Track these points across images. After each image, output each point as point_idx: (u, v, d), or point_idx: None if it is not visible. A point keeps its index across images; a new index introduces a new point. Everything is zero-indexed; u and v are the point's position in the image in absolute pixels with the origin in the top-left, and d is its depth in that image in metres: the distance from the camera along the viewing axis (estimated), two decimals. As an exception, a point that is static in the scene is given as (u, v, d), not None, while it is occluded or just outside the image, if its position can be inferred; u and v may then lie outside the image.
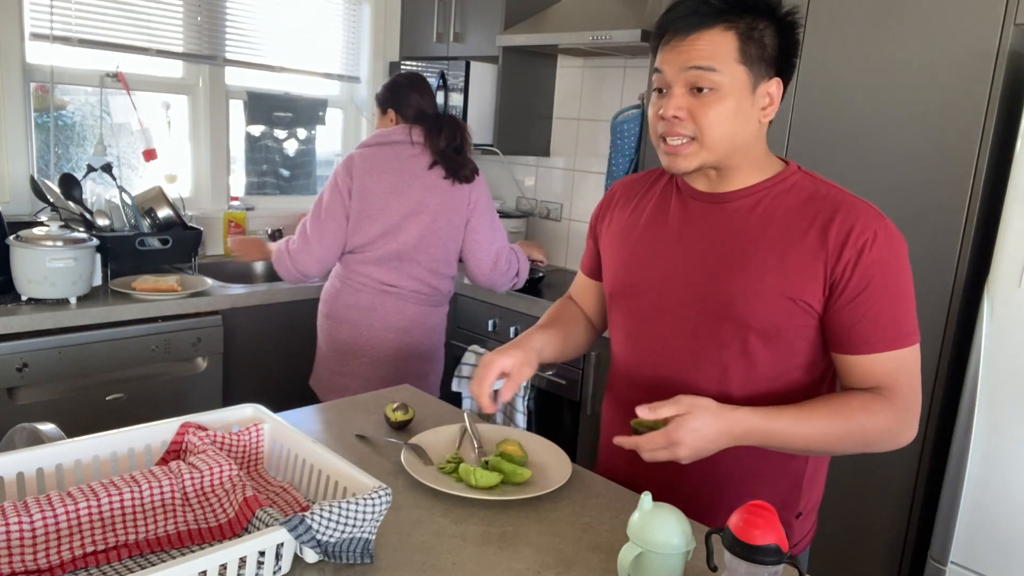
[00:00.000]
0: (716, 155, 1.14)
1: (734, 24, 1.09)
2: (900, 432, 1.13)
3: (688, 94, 1.11)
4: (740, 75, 1.10)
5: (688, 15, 1.11)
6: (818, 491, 1.32)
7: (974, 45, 1.80)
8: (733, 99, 1.11)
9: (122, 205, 2.61)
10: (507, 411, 2.64)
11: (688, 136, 1.12)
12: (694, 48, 1.10)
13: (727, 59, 1.09)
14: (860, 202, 1.14)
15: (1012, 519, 1.77)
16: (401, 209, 2.17)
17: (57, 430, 1.22)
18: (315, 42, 3.37)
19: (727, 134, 1.12)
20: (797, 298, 1.12)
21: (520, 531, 1.12)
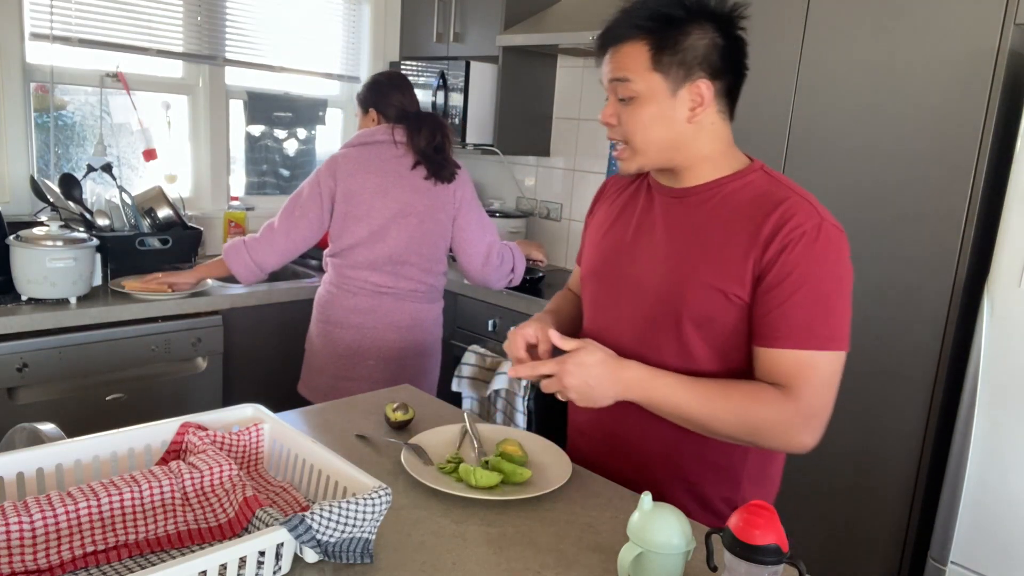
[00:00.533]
0: (649, 157, 1.22)
1: (646, 36, 1.16)
2: (789, 432, 1.12)
3: (617, 103, 1.21)
4: (656, 82, 1.17)
5: (607, 31, 1.21)
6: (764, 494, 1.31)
7: (974, 45, 1.80)
8: (653, 104, 1.18)
9: (122, 205, 2.61)
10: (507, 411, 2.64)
11: (621, 141, 1.23)
12: (613, 61, 1.20)
13: (640, 68, 1.17)
14: (806, 201, 1.16)
15: (1012, 519, 1.77)
16: (387, 210, 2.18)
17: (57, 430, 1.22)
18: (315, 42, 3.37)
19: (651, 137, 1.20)
20: (728, 291, 1.16)
21: (520, 531, 1.12)
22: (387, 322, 2.25)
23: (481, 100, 3.17)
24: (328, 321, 2.27)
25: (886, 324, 1.98)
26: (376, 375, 2.25)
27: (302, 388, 2.34)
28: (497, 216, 3.37)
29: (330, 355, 2.27)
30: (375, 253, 2.19)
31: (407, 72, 3.39)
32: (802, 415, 1.11)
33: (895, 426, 2.00)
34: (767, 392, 1.12)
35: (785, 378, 1.12)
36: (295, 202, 2.19)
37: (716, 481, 1.27)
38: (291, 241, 2.18)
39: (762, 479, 1.29)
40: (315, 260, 3.12)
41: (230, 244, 2.24)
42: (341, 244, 2.19)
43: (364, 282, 2.22)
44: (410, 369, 2.30)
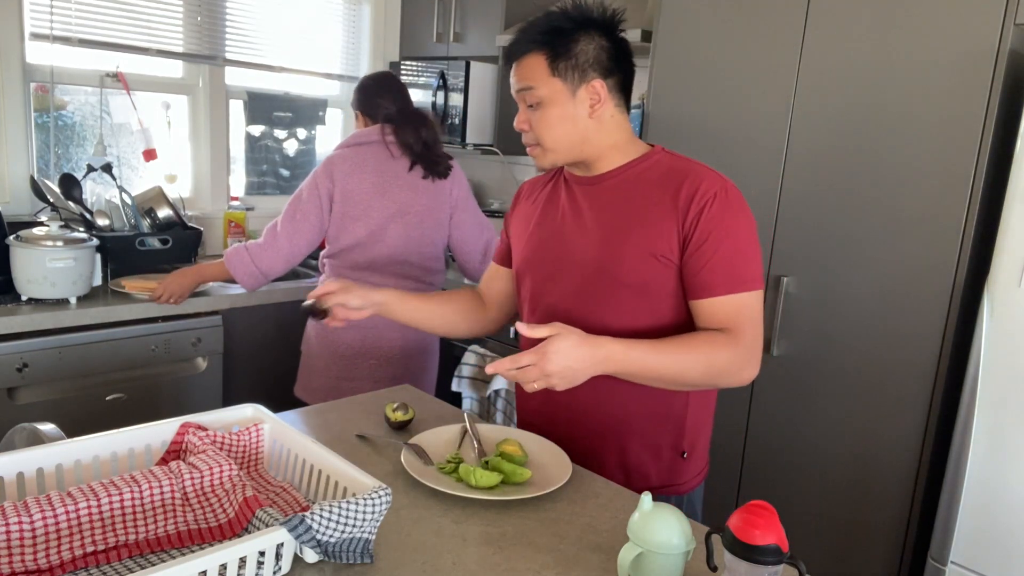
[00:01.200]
0: (560, 153, 1.36)
1: (543, 47, 1.31)
2: (742, 369, 1.26)
3: (527, 109, 1.36)
4: (556, 86, 1.32)
5: (510, 47, 1.36)
6: (704, 434, 1.46)
7: (974, 45, 1.80)
8: (556, 106, 1.33)
9: (122, 205, 2.61)
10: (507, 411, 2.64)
11: (534, 143, 1.37)
12: (517, 72, 1.35)
13: (542, 76, 1.32)
14: (707, 170, 1.32)
15: (1012, 519, 1.77)
16: (385, 210, 2.18)
17: (57, 430, 1.22)
18: (315, 42, 3.37)
19: (559, 135, 1.34)
20: (658, 254, 1.29)
21: (520, 531, 1.12)
22: (388, 321, 2.23)
23: (481, 100, 3.17)
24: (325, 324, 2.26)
25: (886, 324, 1.98)
26: (378, 374, 2.25)
27: (300, 391, 2.32)
28: (497, 216, 3.37)
29: (331, 356, 2.25)
30: (374, 253, 2.19)
31: (407, 72, 3.39)
32: (748, 351, 1.27)
33: (895, 426, 2.00)
34: (719, 338, 1.25)
35: (726, 323, 1.27)
36: (295, 206, 2.19)
37: (664, 431, 1.39)
38: (295, 245, 2.18)
39: (703, 423, 1.44)
40: (315, 260, 3.12)
41: (233, 251, 2.22)
42: (340, 244, 2.19)
43: (365, 283, 2.21)
44: (411, 368, 2.30)
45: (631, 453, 1.39)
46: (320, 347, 2.27)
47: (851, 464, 2.08)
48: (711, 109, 2.28)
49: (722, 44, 2.23)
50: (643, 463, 1.39)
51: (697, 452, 1.43)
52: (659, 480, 1.40)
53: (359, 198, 2.16)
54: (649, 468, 1.40)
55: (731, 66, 2.22)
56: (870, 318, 2.01)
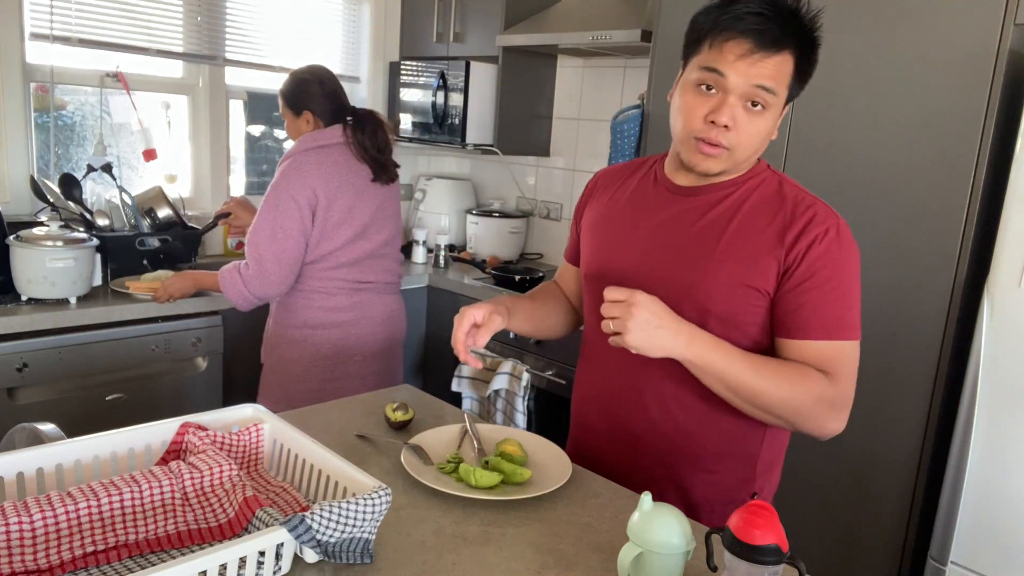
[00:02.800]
0: (741, 164, 1.21)
1: (795, 52, 1.14)
2: (828, 417, 1.16)
3: (742, 106, 1.14)
4: (784, 98, 1.17)
5: (768, 30, 1.11)
6: (775, 479, 1.37)
7: (974, 45, 1.80)
8: (773, 120, 1.18)
9: (122, 205, 2.61)
10: (507, 411, 2.64)
11: (723, 145, 1.16)
12: (765, 66, 1.12)
13: (784, 83, 1.15)
14: (819, 202, 1.21)
15: (1012, 519, 1.77)
16: (368, 209, 2.18)
17: (57, 430, 1.22)
18: (315, 42, 3.37)
19: (757, 148, 1.20)
20: (753, 285, 1.18)
21: (520, 531, 1.12)
22: (368, 316, 2.24)
23: (481, 100, 3.17)
24: (306, 325, 2.19)
25: (886, 324, 1.98)
26: (362, 371, 2.25)
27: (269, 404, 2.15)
28: (497, 216, 3.37)
29: (312, 359, 2.19)
30: (357, 251, 2.19)
31: (407, 72, 3.39)
32: (840, 400, 1.16)
33: (895, 426, 2.00)
34: (815, 374, 1.15)
35: (821, 366, 1.16)
36: (273, 223, 2.08)
37: (732, 467, 1.29)
38: (285, 266, 2.10)
39: (772, 466, 1.34)
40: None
41: (227, 273, 2.14)
42: (322, 250, 2.14)
43: (343, 280, 2.19)
44: (390, 361, 2.33)
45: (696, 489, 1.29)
46: (296, 352, 2.20)
47: (851, 464, 2.08)
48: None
49: (722, 44, 2.23)
50: (709, 500, 1.29)
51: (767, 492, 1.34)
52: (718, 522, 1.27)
53: (343, 201, 2.12)
54: (715, 506, 1.29)
55: (731, 66, 2.22)
56: (870, 318, 2.00)
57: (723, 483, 1.30)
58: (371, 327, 2.24)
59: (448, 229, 3.50)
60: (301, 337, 2.19)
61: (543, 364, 2.66)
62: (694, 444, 1.28)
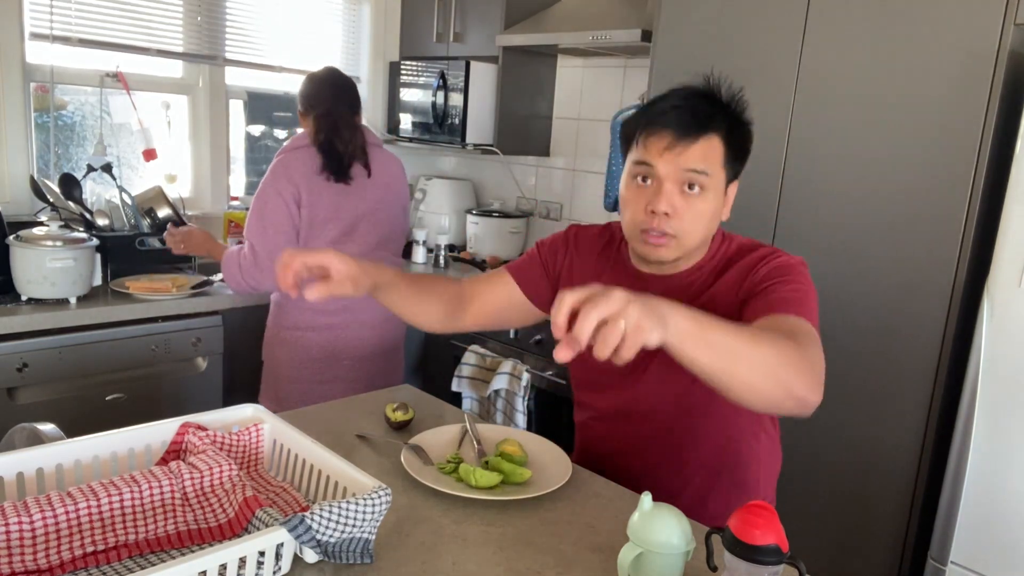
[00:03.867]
0: (689, 250, 1.24)
1: (722, 132, 1.19)
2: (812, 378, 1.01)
3: (678, 192, 1.19)
4: (721, 178, 1.21)
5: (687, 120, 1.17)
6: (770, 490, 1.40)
7: (974, 45, 1.80)
8: (715, 200, 1.21)
9: (122, 205, 2.61)
10: (507, 411, 2.64)
11: (669, 233, 1.20)
12: (691, 152, 1.17)
13: (716, 163, 1.19)
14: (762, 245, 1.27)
15: (1012, 519, 1.77)
16: (355, 210, 2.17)
17: (57, 430, 1.22)
18: (315, 42, 3.37)
19: (704, 231, 1.22)
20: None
21: (520, 531, 1.12)
22: (359, 320, 2.22)
23: (481, 100, 3.17)
24: (296, 327, 2.19)
25: (886, 324, 1.98)
26: (352, 374, 2.23)
27: (265, 403, 2.24)
28: (496, 216, 3.37)
29: (302, 361, 2.20)
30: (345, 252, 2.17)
31: (407, 72, 3.39)
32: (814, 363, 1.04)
33: (895, 426, 2.00)
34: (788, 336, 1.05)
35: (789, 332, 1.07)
36: (262, 221, 2.09)
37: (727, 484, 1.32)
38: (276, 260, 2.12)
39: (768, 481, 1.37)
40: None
41: (229, 257, 2.15)
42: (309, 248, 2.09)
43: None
44: (385, 365, 2.31)
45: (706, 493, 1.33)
46: (288, 353, 2.21)
47: (851, 464, 2.08)
48: (711, 109, 2.28)
49: (722, 44, 2.23)
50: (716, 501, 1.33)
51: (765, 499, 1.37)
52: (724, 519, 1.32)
53: (327, 199, 2.12)
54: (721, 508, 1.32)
55: (731, 66, 2.22)
56: (870, 318, 2.01)
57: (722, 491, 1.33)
58: (361, 331, 2.23)
59: (448, 229, 3.50)
60: (292, 339, 2.20)
61: (543, 364, 2.66)
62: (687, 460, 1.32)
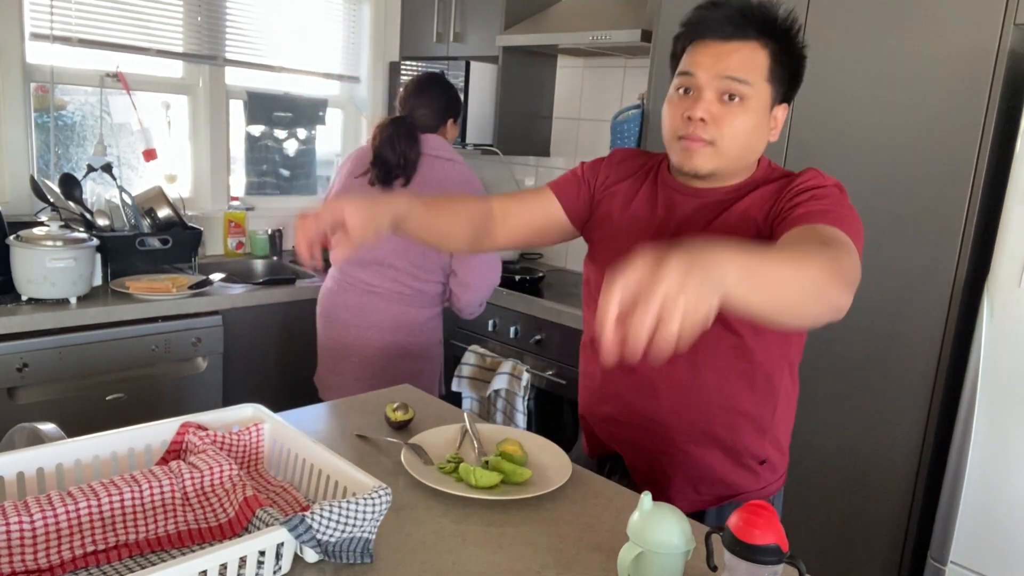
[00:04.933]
0: (729, 163, 1.20)
1: (767, 43, 1.15)
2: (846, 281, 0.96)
3: (717, 100, 1.16)
4: (766, 93, 1.16)
5: (726, 23, 1.14)
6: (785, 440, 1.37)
7: (974, 45, 1.80)
8: (756, 114, 1.17)
9: (122, 205, 2.61)
10: (507, 411, 2.64)
11: (706, 139, 1.17)
12: (731, 57, 1.14)
13: (759, 74, 1.15)
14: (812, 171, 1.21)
15: (1012, 519, 1.77)
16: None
17: (57, 430, 1.22)
18: (315, 42, 3.37)
19: (742, 145, 1.18)
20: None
21: (520, 531, 1.12)
22: (370, 321, 2.23)
23: (481, 100, 3.17)
24: (322, 315, 2.31)
25: (886, 324, 1.98)
26: (358, 373, 2.24)
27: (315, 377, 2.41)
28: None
29: (323, 347, 2.32)
30: (368, 255, 2.20)
31: (407, 72, 3.39)
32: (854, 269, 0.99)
33: (895, 426, 2.00)
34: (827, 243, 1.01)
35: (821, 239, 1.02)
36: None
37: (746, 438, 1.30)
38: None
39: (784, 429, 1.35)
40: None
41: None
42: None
43: (356, 279, 2.23)
44: (398, 370, 2.28)
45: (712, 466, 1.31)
46: (319, 339, 2.35)
47: (851, 464, 2.08)
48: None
49: (722, 44, 2.23)
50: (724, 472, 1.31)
51: (778, 458, 1.35)
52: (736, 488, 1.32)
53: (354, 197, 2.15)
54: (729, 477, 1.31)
55: (731, 66, 2.22)
56: (870, 318, 2.01)
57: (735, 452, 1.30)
58: (368, 332, 2.23)
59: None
60: (319, 325, 2.33)
61: (543, 364, 2.66)
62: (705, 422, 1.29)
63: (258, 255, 3.18)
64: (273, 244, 3.20)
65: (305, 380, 2.50)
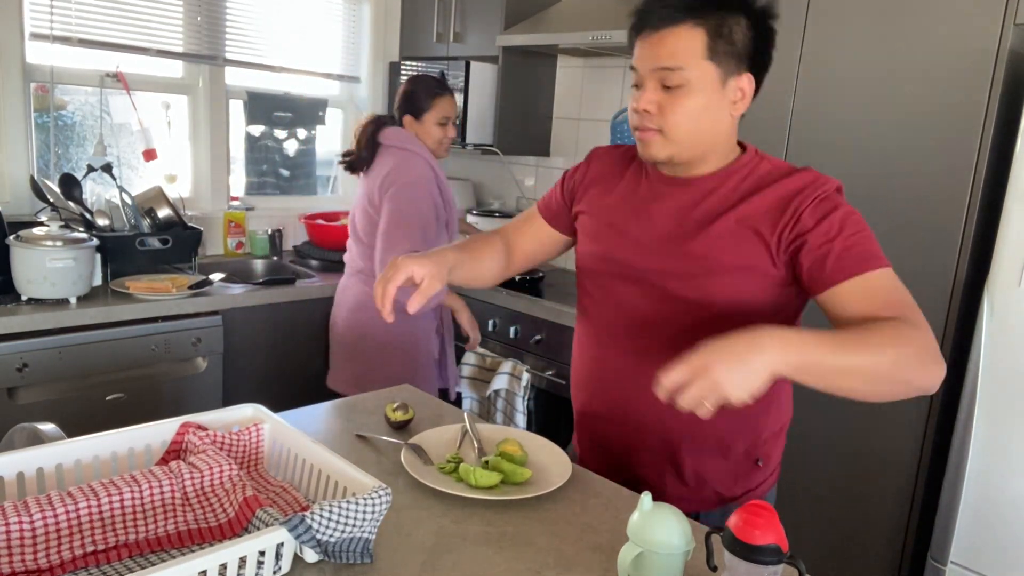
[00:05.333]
0: (682, 147, 1.19)
1: (703, 21, 1.13)
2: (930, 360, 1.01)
3: (660, 90, 1.16)
4: (709, 71, 1.14)
5: (655, 12, 1.15)
6: (780, 439, 1.37)
7: (974, 45, 1.80)
8: (703, 95, 1.15)
9: (122, 205, 2.61)
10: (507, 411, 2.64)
11: (654, 128, 1.18)
12: (662, 46, 1.14)
13: (695, 56, 1.13)
14: (808, 169, 1.20)
15: (1012, 519, 1.77)
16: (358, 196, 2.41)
17: (57, 430, 1.22)
18: (315, 42, 3.37)
19: (693, 129, 1.17)
20: (752, 265, 1.17)
21: (520, 531, 1.12)
22: (341, 299, 2.45)
23: (481, 100, 3.17)
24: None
25: (886, 324, 1.99)
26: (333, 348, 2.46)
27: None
28: (497, 216, 3.37)
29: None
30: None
31: (407, 72, 3.39)
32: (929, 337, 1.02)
33: (895, 426, 2.00)
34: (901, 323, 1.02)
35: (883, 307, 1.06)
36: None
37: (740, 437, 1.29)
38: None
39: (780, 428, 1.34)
40: (315, 260, 3.12)
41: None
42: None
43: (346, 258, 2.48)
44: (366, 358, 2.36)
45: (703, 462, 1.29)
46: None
47: (851, 464, 2.08)
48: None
49: (722, 44, 2.23)
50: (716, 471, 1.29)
51: (773, 458, 1.34)
52: (730, 490, 1.31)
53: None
54: (723, 476, 1.30)
55: (731, 66, 2.22)
56: (870, 318, 2.01)
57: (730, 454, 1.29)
58: (339, 310, 2.45)
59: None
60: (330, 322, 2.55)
61: (543, 364, 2.66)
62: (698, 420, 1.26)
63: (258, 255, 3.18)
64: (273, 244, 3.20)
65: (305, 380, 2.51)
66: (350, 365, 2.41)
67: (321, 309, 2.71)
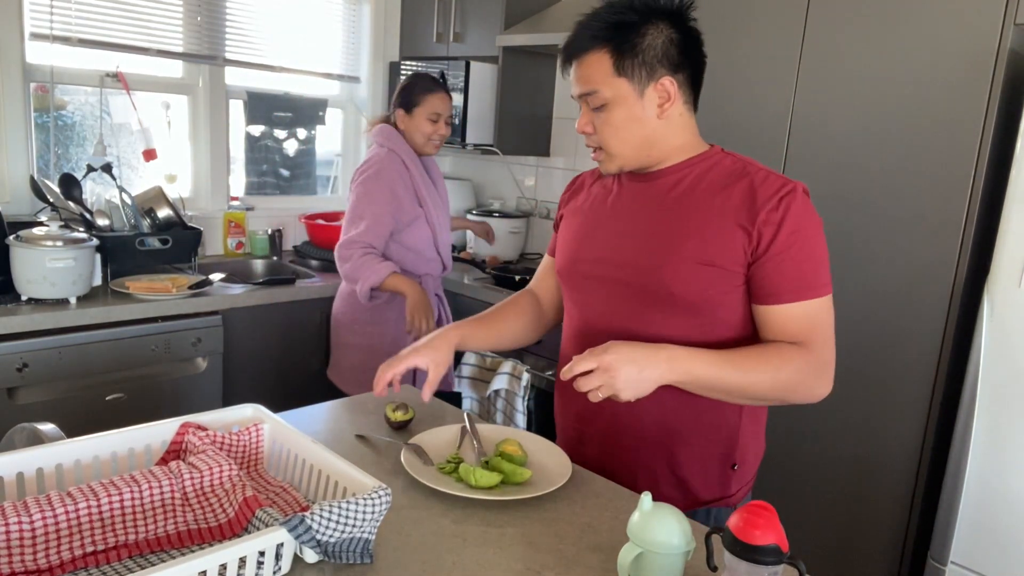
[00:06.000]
0: (626, 158, 1.27)
1: (605, 44, 1.22)
2: (813, 385, 1.19)
3: (590, 112, 1.27)
4: (622, 87, 1.22)
5: (568, 47, 1.26)
6: (756, 446, 1.38)
7: (974, 45, 1.80)
8: (623, 108, 1.23)
9: (122, 205, 2.61)
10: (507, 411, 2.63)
11: (597, 147, 1.29)
12: (578, 74, 1.25)
13: (605, 76, 1.22)
14: (770, 171, 1.24)
15: (1012, 519, 1.77)
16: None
17: (57, 430, 1.22)
18: (315, 42, 3.37)
19: (626, 139, 1.25)
20: (715, 263, 1.21)
21: (520, 531, 1.12)
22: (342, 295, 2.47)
23: (481, 100, 3.17)
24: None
25: (886, 324, 1.98)
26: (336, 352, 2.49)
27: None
28: (496, 216, 3.37)
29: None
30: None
31: (407, 72, 3.39)
32: (819, 366, 1.19)
33: (895, 426, 2.00)
34: (790, 351, 1.19)
35: (796, 333, 1.20)
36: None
37: (715, 443, 1.31)
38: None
39: (755, 435, 1.36)
40: (315, 260, 3.12)
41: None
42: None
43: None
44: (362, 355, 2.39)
45: (679, 466, 1.32)
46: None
47: (851, 464, 2.08)
48: (710, 109, 2.28)
49: (722, 44, 2.23)
50: (692, 476, 1.32)
51: (748, 463, 1.36)
52: (708, 494, 1.33)
53: None
54: (698, 481, 1.32)
55: (731, 66, 2.22)
56: (870, 318, 2.01)
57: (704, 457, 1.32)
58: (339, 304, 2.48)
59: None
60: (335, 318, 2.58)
61: (543, 364, 2.66)
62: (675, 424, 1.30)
63: (258, 255, 3.18)
64: (273, 244, 3.20)
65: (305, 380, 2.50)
66: (348, 359, 2.42)
67: (321, 309, 2.72)
